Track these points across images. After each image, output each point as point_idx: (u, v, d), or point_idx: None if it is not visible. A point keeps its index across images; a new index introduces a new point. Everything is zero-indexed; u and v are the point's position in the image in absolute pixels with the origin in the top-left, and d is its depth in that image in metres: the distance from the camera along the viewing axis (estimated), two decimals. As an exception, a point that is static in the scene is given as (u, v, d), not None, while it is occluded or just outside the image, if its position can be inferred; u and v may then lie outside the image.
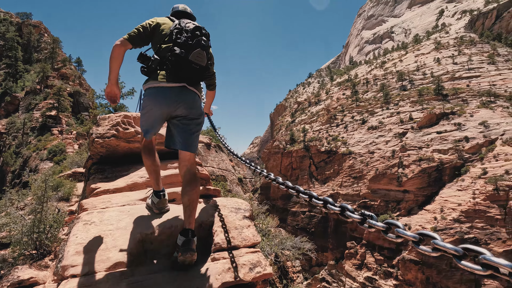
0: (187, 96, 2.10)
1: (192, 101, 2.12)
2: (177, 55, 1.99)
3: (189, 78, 2.07)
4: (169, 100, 2.04)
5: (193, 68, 2.03)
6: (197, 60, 2.03)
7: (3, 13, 56.21)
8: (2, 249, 6.41)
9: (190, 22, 2.16)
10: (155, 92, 2.05)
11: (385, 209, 42.98)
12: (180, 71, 2.02)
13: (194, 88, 2.15)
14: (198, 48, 2.02)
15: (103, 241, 1.70)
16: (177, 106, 2.06)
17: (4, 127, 32.74)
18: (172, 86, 2.04)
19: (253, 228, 1.91)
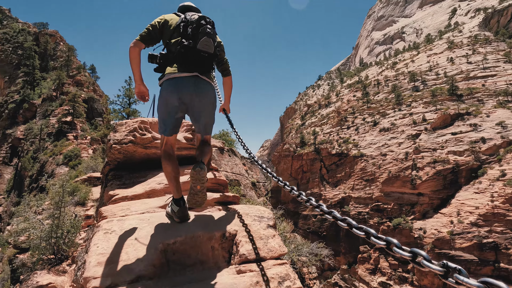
0: (200, 85, 2.18)
1: (206, 90, 2.22)
2: (186, 46, 2.08)
3: (200, 67, 2.16)
4: (184, 89, 2.13)
5: (202, 56, 2.12)
6: (205, 48, 2.11)
7: (21, 23, 58.37)
8: (21, 253, 6.55)
9: (194, 14, 2.23)
10: (170, 84, 2.14)
11: (399, 213, 42.01)
12: (191, 61, 2.11)
13: (206, 77, 2.23)
14: (205, 36, 2.10)
15: (124, 251, 1.65)
16: (192, 95, 2.15)
17: (22, 133, 33.81)
18: (185, 76, 2.13)
19: (278, 238, 1.83)
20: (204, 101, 2.22)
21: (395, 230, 39.63)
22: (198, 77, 2.18)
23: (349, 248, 44.29)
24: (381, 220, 42.95)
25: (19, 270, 5.14)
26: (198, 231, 1.88)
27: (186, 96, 2.15)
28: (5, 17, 60.25)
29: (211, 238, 1.86)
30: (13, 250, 7.14)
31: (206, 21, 2.18)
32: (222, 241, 1.86)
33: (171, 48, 2.19)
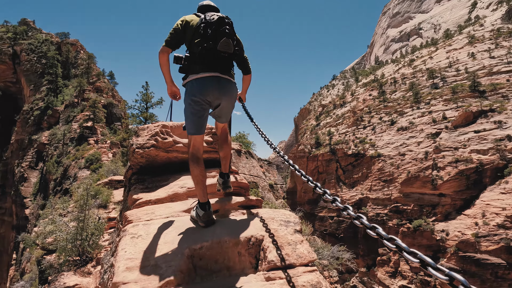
0: (223, 85, 2.31)
1: (229, 89, 2.36)
2: (206, 48, 2.19)
3: (220, 67, 2.28)
4: (208, 89, 2.25)
5: (222, 56, 2.24)
6: (225, 48, 2.21)
7: (44, 34, 61.14)
8: (48, 254, 6.81)
9: (214, 14, 2.31)
10: (194, 84, 2.26)
11: (419, 214, 40.67)
12: (212, 62, 2.23)
13: (227, 76, 2.35)
14: (224, 37, 2.19)
15: (152, 257, 1.66)
16: (216, 95, 2.30)
17: (47, 138, 35.31)
18: (207, 76, 2.25)
19: (306, 243, 1.78)
20: (226, 99, 2.37)
21: (416, 232, 38.38)
22: (220, 77, 2.29)
23: (368, 250, 43.29)
24: (401, 222, 41.73)
25: (47, 271, 5.34)
26: (224, 236, 1.87)
27: (210, 95, 2.28)
28: (30, 28, 63.29)
29: (237, 244, 1.85)
30: (40, 251, 7.43)
31: (225, 22, 2.25)
32: (248, 247, 1.84)
33: (193, 49, 2.28)
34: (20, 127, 43.42)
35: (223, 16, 2.28)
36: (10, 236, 36.40)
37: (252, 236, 1.88)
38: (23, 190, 33.09)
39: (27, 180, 34.15)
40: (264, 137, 2.76)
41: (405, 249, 0.99)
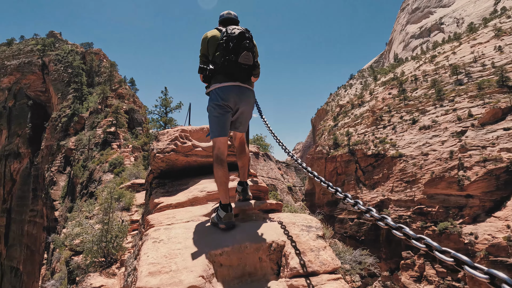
0: (243, 92, 2.52)
1: (248, 96, 2.58)
2: (228, 60, 2.40)
3: (241, 77, 2.50)
4: (230, 96, 2.46)
5: (243, 68, 2.45)
6: (245, 61, 2.42)
7: (70, 45, 64.34)
8: (76, 255, 7.10)
9: (235, 28, 2.49)
10: (217, 92, 2.47)
11: (445, 216, 38.87)
12: (233, 72, 2.45)
13: (247, 85, 2.57)
14: (245, 51, 2.40)
15: (173, 261, 1.68)
16: (237, 101, 2.50)
17: (74, 143, 36.98)
18: (229, 85, 2.46)
19: (330, 250, 1.73)
20: (245, 104, 2.58)
21: (442, 235, 36.70)
22: (240, 86, 2.51)
23: (390, 254, 41.87)
24: (425, 224, 40.06)
25: (75, 272, 5.57)
26: (244, 242, 1.85)
27: (231, 101, 2.48)
28: (57, 40, 66.84)
29: (258, 249, 1.83)
30: (69, 252, 7.77)
31: (246, 37, 2.44)
32: (269, 252, 1.82)
33: (216, 60, 2.50)
34: (49, 133, 45.82)
35: (243, 31, 2.45)
36: (41, 237, 38.36)
37: (273, 242, 1.85)
38: (53, 193, 34.78)
39: (56, 183, 35.86)
40: (278, 142, 2.75)
41: (437, 248, 0.93)
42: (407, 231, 1.08)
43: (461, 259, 0.85)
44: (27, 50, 62.19)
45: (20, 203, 49.59)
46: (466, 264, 0.84)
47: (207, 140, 3.77)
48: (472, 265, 0.83)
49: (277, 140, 2.89)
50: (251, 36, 2.50)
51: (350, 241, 43.23)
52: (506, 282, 0.72)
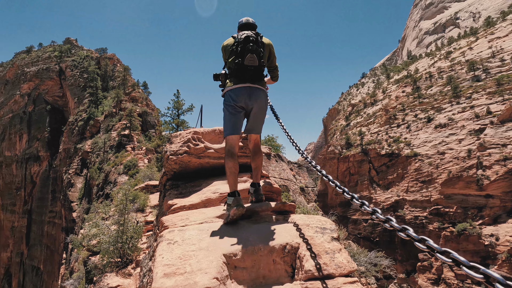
0: (254, 92, 2.67)
1: (258, 96, 2.70)
2: (237, 63, 2.60)
3: (250, 78, 2.64)
4: (240, 97, 2.63)
5: (249, 69, 2.60)
6: (250, 62, 2.57)
7: (85, 50, 66.25)
8: (93, 256, 7.29)
9: (244, 33, 2.65)
10: (230, 94, 2.67)
11: (464, 217, 37.62)
12: (242, 75, 2.61)
13: (257, 85, 2.69)
14: (249, 53, 2.56)
15: (188, 263, 1.69)
16: (247, 101, 2.66)
17: (90, 146, 37.99)
18: (239, 86, 2.64)
19: (345, 252, 1.70)
20: (257, 104, 2.70)
21: (460, 237, 35.55)
22: (250, 86, 2.65)
23: (406, 256, 40.87)
24: (443, 225, 38.89)
25: (92, 272, 5.72)
26: (258, 244, 1.84)
27: (242, 101, 2.65)
28: (73, 46, 68.98)
29: (272, 251, 1.82)
30: (86, 252, 7.98)
31: (249, 40, 2.60)
32: (283, 255, 1.80)
33: (229, 65, 2.72)
34: (66, 137, 47.27)
35: (249, 35, 2.62)
36: (60, 237, 39.57)
37: (287, 244, 1.84)
38: (70, 195, 35.83)
39: (73, 185, 36.94)
40: (292, 142, 2.74)
41: (437, 249, 0.92)
42: (410, 233, 1.06)
43: (459, 259, 0.85)
44: (45, 56, 64.45)
45: (40, 205, 51.36)
46: (463, 264, 0.84)
47: (219, 141, 3.80)
48: (469, 265, 0.82)
49: (291, 140, 2.87)
50: (255, 39, 2.63)
51: (364, 243, 42.49)
52: (499, 282, 0.76)
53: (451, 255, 0.93)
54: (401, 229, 1.13)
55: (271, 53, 2.88)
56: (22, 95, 60.94)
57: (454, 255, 0.93)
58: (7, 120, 60.86)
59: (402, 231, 1.12)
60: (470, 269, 0.88)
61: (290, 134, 2.87)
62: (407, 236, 1.12)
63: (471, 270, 0.88)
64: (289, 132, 2.96)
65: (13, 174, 56.56)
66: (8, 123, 60.34)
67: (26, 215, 53.25)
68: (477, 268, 0.87)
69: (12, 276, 51.54)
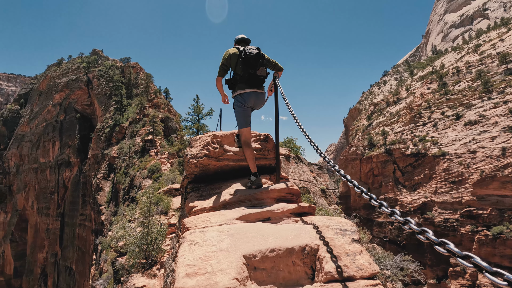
0: (258, 96, 3.48)
1: (262, 99, 3.54)
2: (249, 73, 3.32)
3: (257, 85, 3.43)
4: (250, 99, 3.39)
5: (260, 78, 3.41)
6: (261, 73, 3.39)
7: (111, 60, 69.49)
8: (120, 257, 7.57)
9: (251, 48, 3.38)
10: (242, 96, 3.40)
11: (500, 219, 35.23)
12: (253, 82, 3.37)
13: (261, 90, 3.50)
14: (261, 66, 3.36)
15: (208, 264, 1.72)
16: (254, 102, 3.45)
17: (116, 152, 39.63)
18: (250, 91, 3.39)
19: (367, 254, 1.66)
20: (259, 105, 3.56)
21: (496, 241, 33.32)
22: (257, 92, 3.43)
23: (437, 260, 38.85)
24: (476, 228, 36.63)
25: (120, 272, 5.94)
26: (277, 245, 1.84)
27: (251, 103, 3.43)
28: (99, 57, 72.59)
29: (291, 253, 1.81)
30: (114, 254, 8.31)
31: (261, 56, 3.34)
32: (303, 256, 1.78)
33: (238, 72, 3.41)
34: (94, 143, 49.62)
35: (258, 52, 3.34)
36: (90, 239, 41.44)
37: (306, 245, 1.82)
38: (99, 199, 37.50)
39: (101, 189, 38.63)
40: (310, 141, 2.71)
41: (458, 253, 0.86)
42: (429, 236, 1.00)
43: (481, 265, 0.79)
44: (74, 68, 68.26)
45: (71, 208, 54.16)
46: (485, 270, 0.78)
47: None
48: (492, 271, 0.77)
49: (309, 140, 2.84)
50: (263, 55, 3.41)
51: (391, 246, 40.91)
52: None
53: (473, 260, 0.87)
54: (420, 231, 1.07)
55: (269, 61, 3.62)
56: (54, 105, 64.83)
57: (475, 260, 0.87)
58: (41, 128, 64.95)
59: (421, 234, 1.07)
60: (493, 276, 0.82)
61: (308, 134, 2.84)
62: (426, 239, 1.06)
63: (494, 276, 0.83)
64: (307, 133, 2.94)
65: (47, 179, 60.15)
66: (42, 131, 64.38)
67: (59, 218, 56.35)
68: (502, 274, 0.82)
69: (48, 275, 54.65)
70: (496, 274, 0.82)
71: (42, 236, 58.11)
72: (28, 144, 66.38)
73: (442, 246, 0.95)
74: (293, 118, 2.88)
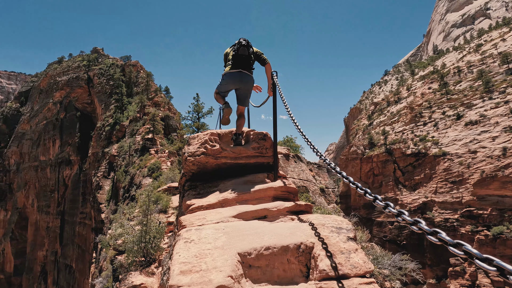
0: (243, 76, 3.94)
1: (247, 80, 4.00)
2: (234, 55, 3.92)
3: (241, 65, 3.91)
4: (233, 78, 3.96)
5: (241, 57, 3.89)
6: (242, 52, 3.89)
7: (111, 59, 69.41)
8: (119, 255, 7.57)
9: (241, 38, 4.02)
10: (227, 74, 3.97)
11: (500, 220, 35.23)
12: (236, 62, 3.91)
13: (247, 71, 3.96)
14: (241, 47, 3.90)
15: (203, 261, 1.71)
16: (238, 82, 3.97)
17: (116, 150, 39.62)
18: (233, 71, 3.92)
19: (361, 252, 1.64)
20: (244, 85, 4.00)
21: (496, 241, 33.32)
22: (241, 71, 3.91)
23: (436, 260, 38.86)
24: (476, 228, 36.63)
25: (118, 270, 5.94)
26: (272, 243, 1.83)
27: (237, 82, 3.96)
28: (100, 55, 72.52)
29: (286, 251, 1.80)
30: (113, 252, 8.31)
31: (243, 41, 3.94)
32: (298, 254, 1.77)
33: (229, 58, 4.04)
34: (95, 141, 49.62)
35: (244, 39, 3.96)
36: (90, 237, 41.51)
37: (301, 243, 1.81)
38: (99, 197, 37.52)
39: (101, 188, 38.65)
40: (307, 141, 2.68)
41: (477, 255, 0.82)
42: (443, 237, 0.96)
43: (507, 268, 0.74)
44: (75, 66, 68.21)
45: (71, 206, 54.21)
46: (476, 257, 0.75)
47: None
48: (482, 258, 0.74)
49: (306, 140, 2.81)
50: (247, 41, 3.96)
51: (390, 246, 40.92)
52: None
53: (464, 248, 0.84)
54: (431, 232, 1.02)
55: (257, 53, 4.12)
56: (55, 103, 64.83)
57: (466, 248, 0.85)
58: (41, 126, 64.99)
59: (433, 235, 1.01)
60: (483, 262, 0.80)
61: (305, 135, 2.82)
62: (438, 241, 1.00)
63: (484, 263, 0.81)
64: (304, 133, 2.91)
65: (48, 177, 60.22)
66: (43, 129, 64.41)
67: (59, 216, 56.43)
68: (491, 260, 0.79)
69: (48, 273, 54.78)
70: (486, 260, 0.80)
71: (42, 234, 58.23)
72: (29, 142, 66.44)
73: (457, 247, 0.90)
74: (291, 119, 2.86)
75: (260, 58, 4.14)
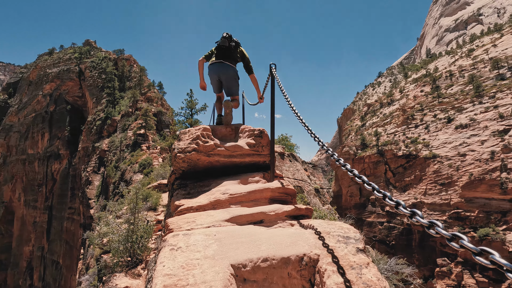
0: (222, 65, 4.03)
1: (227, 69, 4.05)
2: (216, 47, 4.07)
3: (222, 56, 4.02)
4: (214, 69, 4.07)
5: (221, 48, 4.01)
6: (222, 43, 4.01)
7: (104, 52, 68.01)
8: (105, 254, 7.29)
9: (225, 32, 4.14)
10: (209, 67, 4.11)
11: (486, 222, 35.90)
12: (218, 53, 4.03)
13: (228, 62, 4.02)
14: (222, 39, 4.05)
15: (191, 274, 1.48)
16: (218, 71, 4.06)
17: (107, 145, 38.87)
18: (214, 62, 4.05)
19: (374, 267, 1.44)
20: (226, 74, 4.07)
21: (482, 242, 33.92)
22: (222, 62, 4.01)
23: (424, 260, 39.44)
24: (463, 230, 37.28)
25: (102, 271, 5.68)
26: (271, 254, 1.61)
27: (217, 72, 4.07)
28: (92, 48, 70.95)
29: (287, 263, 1.58)
30: (99, 250, 8.01)
31: (226, 34, 4.09)
32: (300, 268, 1.56)
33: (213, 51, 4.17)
34: (85, 136, 48.60)
35: (226, 33, 4.11)
36: (78, 233, 40.74)
37: (304, 255, 1.59)
38: (88, 192, 36.77)
39: (91, 183, 37.90)
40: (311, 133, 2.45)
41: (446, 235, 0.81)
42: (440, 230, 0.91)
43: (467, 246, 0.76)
44: (66, 58, 66.58)
45: (60, 201, 53.06)
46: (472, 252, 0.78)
47: (231, 137, 3.65)
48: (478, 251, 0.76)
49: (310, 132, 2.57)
50: (229, 35, 4.10)
51: (380, 246, 41.40)
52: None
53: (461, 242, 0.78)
54: (429, 224, 0.98)
55: (243, 54, 4.27)
56: (44, 95, 63.21)
57: (494, 258, 0.76)
58: (30, 119, 63.30)
59: (431, 227, 0.98)
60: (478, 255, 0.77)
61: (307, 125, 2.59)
62: (436, 233, 0.95)
63: None
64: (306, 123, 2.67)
65: (36, 171, 58.75)
66: (31, 122, 62.75)
67: (47, 211, 55.18)
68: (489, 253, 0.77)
69: (34, 269, 53.58)
70: (481, 254, 0.78)
71: (29, 229, 56.90)
72: (16, 135, 64.67)
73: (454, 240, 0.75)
74: (292, 111, 2.64)
75: (247, 66, 4.26)
